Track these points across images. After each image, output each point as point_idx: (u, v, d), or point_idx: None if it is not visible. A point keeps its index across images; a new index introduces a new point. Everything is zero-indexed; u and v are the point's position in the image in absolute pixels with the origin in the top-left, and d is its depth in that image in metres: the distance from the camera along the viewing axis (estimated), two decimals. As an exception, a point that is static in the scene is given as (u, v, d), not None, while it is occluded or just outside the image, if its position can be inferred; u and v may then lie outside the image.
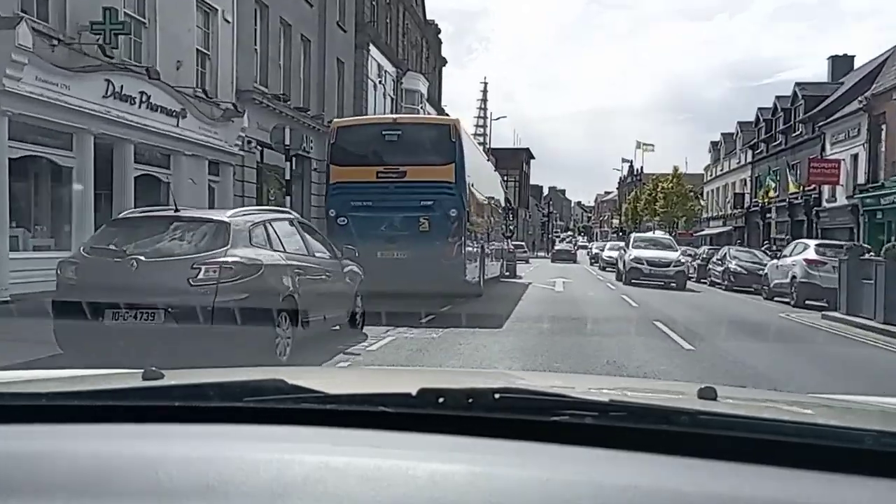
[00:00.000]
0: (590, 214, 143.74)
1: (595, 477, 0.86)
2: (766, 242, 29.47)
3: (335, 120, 13.84)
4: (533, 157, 75.01)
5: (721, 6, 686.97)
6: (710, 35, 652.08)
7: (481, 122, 61.04)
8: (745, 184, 40.23)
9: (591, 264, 38.75)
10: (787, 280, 17.33)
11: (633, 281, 20.89)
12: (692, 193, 48.81)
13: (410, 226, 12.64)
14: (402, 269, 12.08)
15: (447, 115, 27.36)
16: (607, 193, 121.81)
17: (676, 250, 23.11)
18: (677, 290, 19.95)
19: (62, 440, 0.96)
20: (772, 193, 34.74)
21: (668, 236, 26.69)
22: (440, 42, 42.05)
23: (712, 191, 47.72)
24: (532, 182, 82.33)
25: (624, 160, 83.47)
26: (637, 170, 78.50)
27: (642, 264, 21.66)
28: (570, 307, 13.60)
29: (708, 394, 1.21)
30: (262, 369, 1.59)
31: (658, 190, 49.55)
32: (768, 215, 35.51)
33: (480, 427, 0.96)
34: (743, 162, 40.54)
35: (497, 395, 1.01)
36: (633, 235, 25.89)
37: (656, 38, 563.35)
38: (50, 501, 0.82)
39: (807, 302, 16.02)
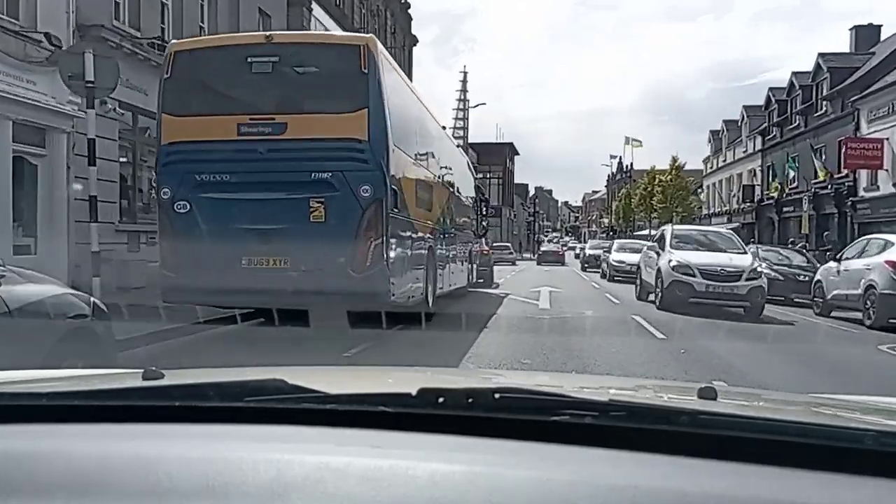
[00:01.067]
0: (577, 214, 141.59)
1: (595, 477, 0.90)
2: (791, 240, 24.06)
3: (172, 42, 8.18)
4: (517, 153, 71.25)
5: (706, 7, 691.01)
6: (694, 36, 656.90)
7: (461, 114, 55.54)
8: (755, 174, 36.15)
9: (585, 269, 33.46)
10: (859, 291, 13.45)
11: (676, 305, 13.76)
12: (693, 187, 43.58)
13: (296, 215, 8.36)
14: (283, 285, 8.21)
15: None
16: (595, 193, 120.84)
17: (744, 251, 15.60)
18: (749, 319, 13.52)
19: (62, 440, 1.00)
20: (787, 184, 29.57)
21: (727, 231, 18.52)
22: (410, 18, 36.80)
23: (713, 185, 43.48)
24: (517, 181, 77.24)
25: (612, 156, 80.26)
26: (626, 166, 74.83)
27: (693, 276, 13.94)
28: (559, 347, 9.10)
29: (708, 393, 1.27)
30: (262, 369, 1.58)
31: (655, 183, 44.26)
32: (786, 209, 30.27)
33: (480, 427, 1.01)
34: (751, 150, 36.59)
35: (497, 395, 1.07)
36: (669, 229, 17.11)
37: (642, 40, 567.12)
38: (50, 501, 0.85)
39: (889, 320, 12.40)
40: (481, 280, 18.97)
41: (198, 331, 8.74)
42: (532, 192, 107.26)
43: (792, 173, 31.65)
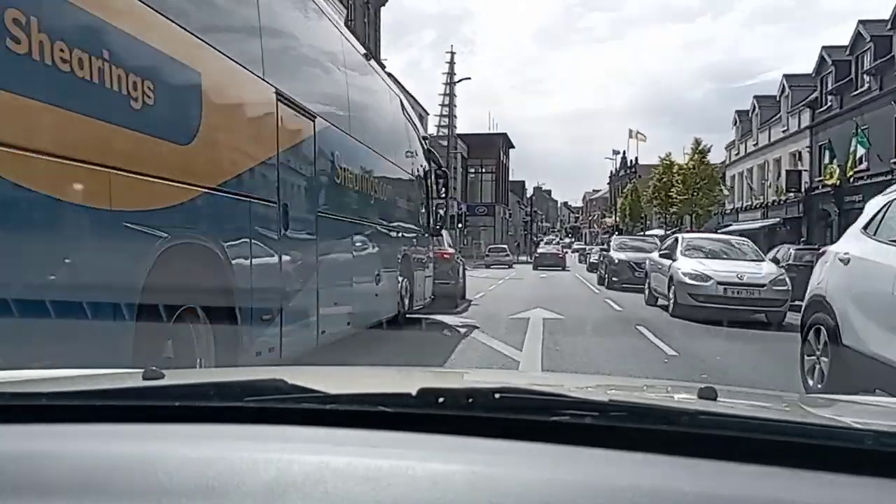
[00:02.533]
0: (577, 215, 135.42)
1: (595, 477, 0.89)
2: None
3: None
4: (512, 146, 64.30)
5: (703, 8, 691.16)
6: (692, 37, 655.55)
7: (447, 100, 48.04)
8: (799, 157, 27.83)
9: (608, 285, 21.21)
10: None
11: None
12: (718, 175, 36.37)
13: None
14: None
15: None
16: (596, 192, 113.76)
17: None
18: None
19: (62, 440, 0.99)
20: (850, 165, 22.45)
21: None
22: (377, -29, 29.77)
23: (739, 174, 35.89)
24: (514, 179, 70.33)
25: (615, 151, 74.32)
26: (630, 161, 68.29)
27: None
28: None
29: (708, 394, 1.25)
30: (262, 369, 1.63)
31: (674, 172, 36.92)
32: (851, 198, 22.90)
33: (480, 427, 1.00)
34: (795, 128, 28.58)
35: (497, 395, 1.05)
36: None
37: (639, 41, 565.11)
38: (49, 501, 0.84)
39: None
40: (445, 297, 12.83)
41: None
42: (530, 191, 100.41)
43: (861, 150, 24.43)
